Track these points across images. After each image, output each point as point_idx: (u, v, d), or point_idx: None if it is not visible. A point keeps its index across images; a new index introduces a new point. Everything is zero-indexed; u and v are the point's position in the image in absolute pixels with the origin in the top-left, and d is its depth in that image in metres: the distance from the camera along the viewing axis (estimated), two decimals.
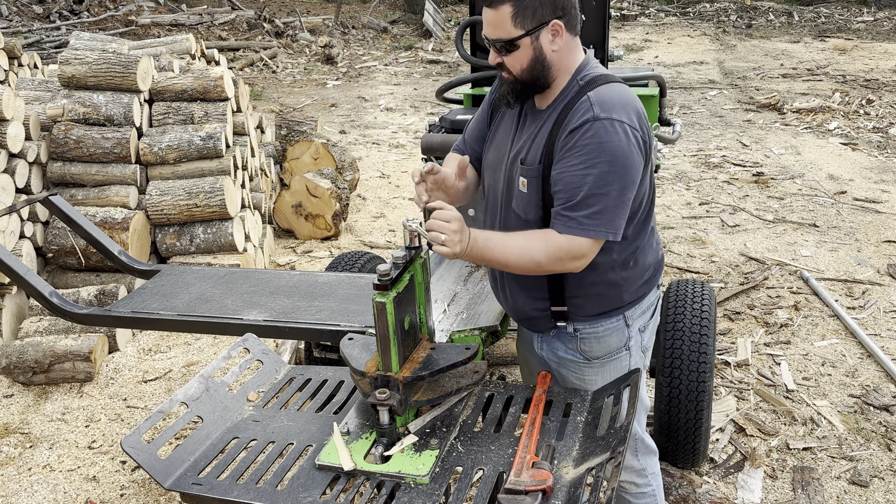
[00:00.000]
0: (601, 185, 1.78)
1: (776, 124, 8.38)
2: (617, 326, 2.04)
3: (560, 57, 1.88)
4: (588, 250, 1.84)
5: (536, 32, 1.83)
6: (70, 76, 4.57)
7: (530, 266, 1.86)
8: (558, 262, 1.84)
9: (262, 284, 2.82)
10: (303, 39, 13.84)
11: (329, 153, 5.84)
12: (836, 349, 3.92)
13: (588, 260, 1.86)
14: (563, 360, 2.09)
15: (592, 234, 1.81)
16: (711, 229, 5.55)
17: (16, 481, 3.08)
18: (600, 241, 1.84)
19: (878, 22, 15.30)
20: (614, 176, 1.79)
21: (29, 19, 13.26)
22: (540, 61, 1.86)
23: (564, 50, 1.88)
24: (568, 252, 1.83)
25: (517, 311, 2.11)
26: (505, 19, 1.81)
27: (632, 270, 2.01)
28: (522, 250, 1.84)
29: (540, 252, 1.84)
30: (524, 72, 1.88)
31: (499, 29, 1.83)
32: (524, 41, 1.83)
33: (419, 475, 1.65)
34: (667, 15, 17.22)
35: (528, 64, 1.86)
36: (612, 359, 2.06)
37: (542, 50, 1.85)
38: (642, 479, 2.24)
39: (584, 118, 1.81)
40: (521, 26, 1.82)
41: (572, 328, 2.03)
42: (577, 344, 2.04)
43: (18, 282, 2.78)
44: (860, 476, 2.99)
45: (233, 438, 1.90)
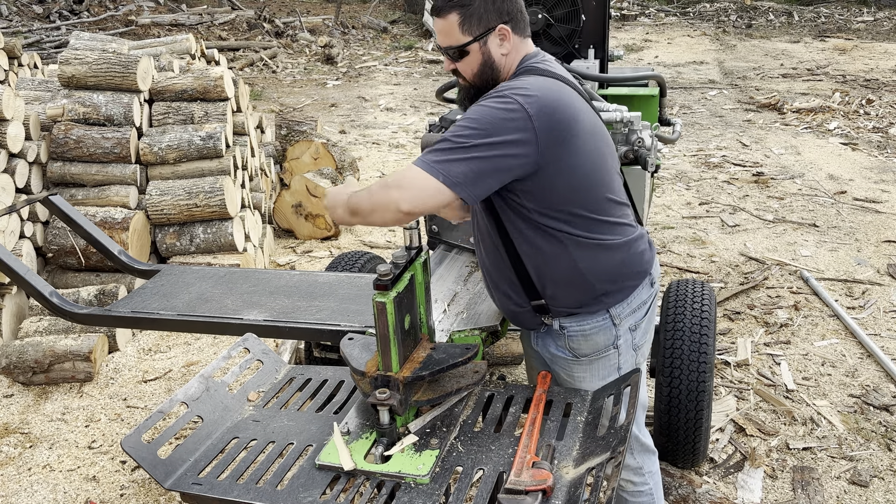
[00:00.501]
0: (455, 136, 1.77)
1: (776, 124, 8.39)
2: (603, 325, 2.03)
3: (509, 60, 1.95)
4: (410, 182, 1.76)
5: (484, 38, 1.90)
6: (70, 76, 4.57)
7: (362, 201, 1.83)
8: (383, 188, 1.79)
9: (262, 284, 2.82)
10: (303, 39, 13.84)
11: (329, 153, 5.84)
12: (836, 349, 3.92)
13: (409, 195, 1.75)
14: (554, 357, 2.11)
15: (424, 167, 1.75)
16: (711, 229, 5.55)
17: (16, 481, 3.08)
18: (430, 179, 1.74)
19: (878, 22, 15.30)
20: (472, 133, 1.76)
21: (29, 19, 13.26)
22: (489, 65, 1.93)
23: (513, 52, 1.95)
24: (396, 176, 1.79)
25: (504, 309, 2.15)
26: (453, 27, 1.90)
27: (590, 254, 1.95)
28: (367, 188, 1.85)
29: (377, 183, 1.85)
30: (475, 76, 1.95)
31: (448, 37, 1.92)
32: (473, 47, 1.91)
33: (419, 475, 1.65)
34: (667, 15, 17.22)
35: (479, 69, 1.94)
36: (601, 357, 2.06)
37: (491, 54, 1.93)
38: (639, 477, 2.24)
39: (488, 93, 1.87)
40: (468, 33, 1.89)
41: (558, 325, 2.04)
42: (566, 342, 2.06)
43: (18, 282, 2.78)
44: (860, 476, 2.99)
45: (233, 438, 1.90)
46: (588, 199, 1.93)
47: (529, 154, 1.80)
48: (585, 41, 3.46)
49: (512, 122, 1.77)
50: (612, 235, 1.98)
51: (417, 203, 1.77)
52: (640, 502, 2.27)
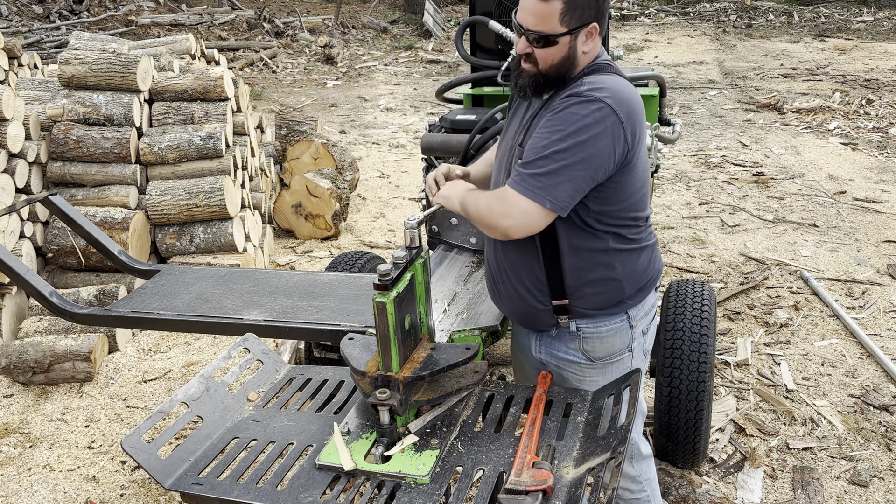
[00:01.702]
0: (555, 152, 1.75)
1: (776, 124, 8.39)
2: (621, 327, 2.02)
3: (586, 57, 1.88)
4: (517, 211, 1.78)
5: (577, 32, 1.82)
6: (70, 76, 4.57)
7: (470, 213, 1.89)
8: (489, 212, 1.82)
9: (262, 284, 2.82)
10: (303, 39, 13.84)
11: (329, 153, 5.84)
12: (836, 349, 3.92)
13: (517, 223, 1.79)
14: (563, 362, 2.06)
15: (528, 193, 1.76)
16: (711, 229, 5.55)
17: (16, 481, 3.08)
18: (536, 206, 1.77)
19: (878, 22, 15.30)
20: (574, 147, 1.75)
21: (29, 19, 13.25)
22: (571, 60, 1.85)
23: (591, 52, 1.89)
24: (499, 202, 1.80)
25: (518, 308, 2.07)
26: (553, 14, 1.79)
27: (627, 256, 1.97)
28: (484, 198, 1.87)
29: (482, 198, 1.85)
30: (553, 67, 1.86)
31: (543, 22, 1.81)
32: (564, 39, 1.82)
33: (419, 475, 1.65)
34: (667, 15, 17.22)
35: (559, 61, 1.85)
36: (615, 360, 2.05)
37: (576, 49, 1.85)
38: (636, 485, 2.22)
39: (570, 92, 1.82)
40: (566, 24, 1.80)
41: (575, 326, 2.00)
42: (580, 344, 2.02)
43: (18, 282, 2.78)
44: (860, 476, 2.99)
45: (233, 438, 1.90)
46: (640, 200, 1.95)
47: (618, 157, 1.81)
48: None
49: (606, 129, 1.76)
50: (645, 237, 2.01)
51: (526, 231, 1.82)
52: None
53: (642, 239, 2.00)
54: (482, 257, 3.00)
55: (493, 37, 3.40)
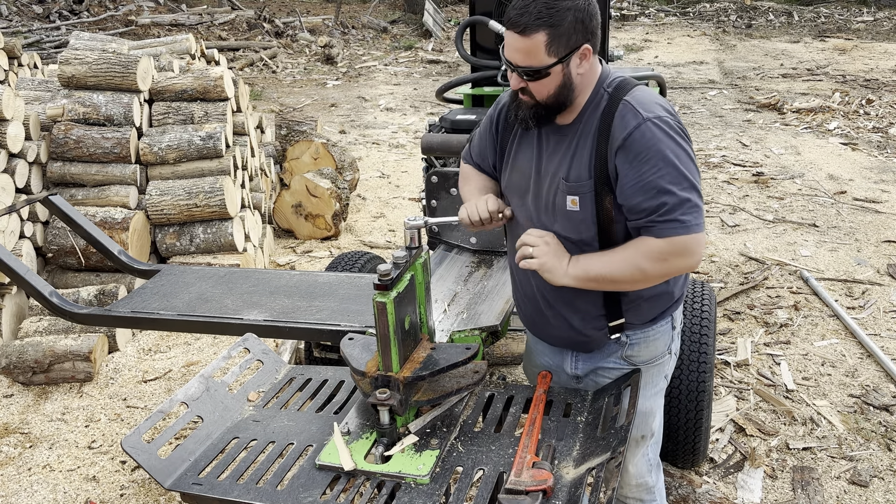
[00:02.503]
0: (682, 180, 1.76)
1: (776, 124, 8.39)
2: (665, 329, 2.01)
3: (584, 78, 1.83)
4: (696, 245, 1.80)
5: (568, 59, 1.76)
6: (70, 76, 4.57)
7: (636, 276, 1.81)
8: (665, 265, 1.80)
9: (262, 284, 2.82)
10: (303, 39, 13.85)
11: (329, 153, 5.84)
12: (836, 349, 3.92)
13: (699, 255, 1.82)
14: (602, 370, 2.02)
15: (696, 228, 1.78)
16: (711, 229, 5.55)
17: (16, 481, 3.08)
18: (702, 234, 1.80)
19: (878, 22, 15.30)
20: (687, 168, 1.77)
21: (29, 19, 13.26)
22: (567, 86, 1.80)
23: (589, 71, 1.83)
24: (673, 252, 1.78)
25: (567, 336, 2.01)
26: (538, 48, 1.74)
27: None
28: (624, 260, 1.80)
29: (644, 260, 1.79)
30: (551, 97, 1.82)
31: (530, 57, 1.75)
32: (555, 69, 1.76)
33: (419, 475, 1.65)
34: (667, 15, 17.22)
35: (556, 90, 1.80)
36: (656, 363, 2.03)
37: (570, 75, 1.79)
38: (649, 495, 2.22)
39: (635, 122, 1.77)
40: (554, 54, 1.75)
41: (624, 337, 1.97)
42: (623, 351, 1.99)
43: (18, 282, 2.79)
44: (860, 476, 2.99)
45: (233, 438, 1.90)
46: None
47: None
48: None
49: (684, 134, 1.81)
50: None
51: (701, 259, 1.85)
52: None
53: None
54: (482, 257, 3.01)
55: (493, 37, 3.40)
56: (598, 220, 1.83)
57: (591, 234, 1.85)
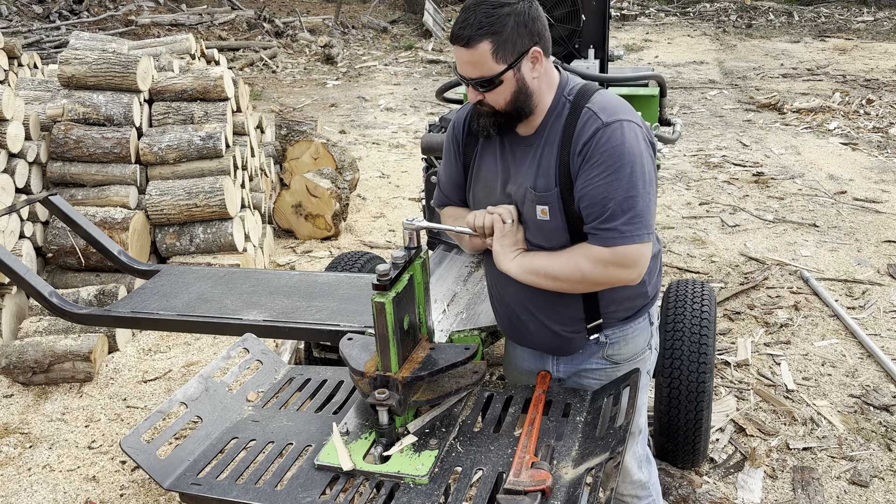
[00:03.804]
0: (629, 189, 1.74)
1: (776, 124, 8.38)
2: (643, 326, 2.03)
3: (540, 83, 1.83)
4: (637, 257, 1.79)
5: (517, 64, 1.76)
6: (70, 76, 4.57)
7: (575, 277, 1.81)
8: (609, 274, 1.80)
9: (261, 284, 2.82)
10: (303, 39, 13.85)
11: (329, 153, 5.84)
12: (836, 349, 3.92)
13: (642, 267, 1.81)
14: (585, 371, 2.04)
15: (637, 239, 1.77)
16: (711, 229, 5.55)
17: (16, 481, 3.08)
18: (647, 244, 1.80)
19: (878, 22, 15.30)
20: (637, 176, 1.75)
21: (29, 19, 13.26)
22: (523, 92, 1.80)
23: (543, 75, 1.83)
24: (614, 261, 1.78)
25: (546, 340, 2.02)
26: (485, 57, 1.74)
27: (653, 272, 2.01)
28: (568, 261, 1.81)
29: (588, 266, 1.80)
30: (508, 104, 1.82)
31: (478, 67, 1.76)
32: (507, 75, 1.76)
33: (418, 475, 1.65)
34: (667, 15, 17.22)
35: (512, 97, 1.80)
36: (637, 360, 2.05)
37: (525, 80, 1.79)
38: (644, 491, 2.22)
39: (594, 127, 1.77)
40: (502, 61, 1.75)
41: (603, 337, 1.99)
42: (604, 351, 2.01)
43: (18, 282, 2.78)
44: (860, 476, 2.99)
45: (232, 438, 1.90)
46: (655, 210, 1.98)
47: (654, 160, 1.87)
48: (585, 41, 3.46)
49: (643, 144, 1.80)
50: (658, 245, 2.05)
51: (644, 271, 1.83)
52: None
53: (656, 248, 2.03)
54: (482, 257, 3.00)
55: None
56: (569, 227, 1.85)
57: (564, 240, 1.87)
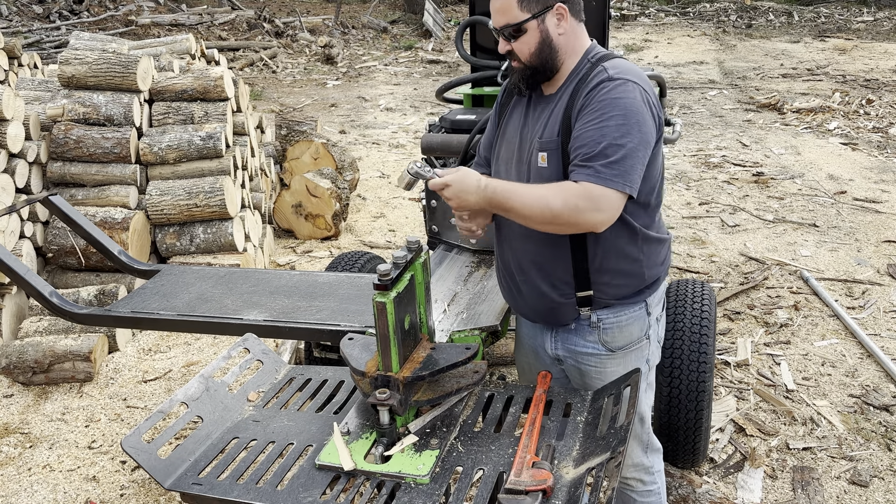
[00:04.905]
0: (618, 137, 1.79)
1: (776, 124, 8.38)
2: (639, 314, 2.04)
3: (567, 41, 1.94)
4: (607, 203, 1.79)
5: (542, 15, 1.90)
6: (70, 76, 4.57)
7: (545, 214, 1.81)
8: (575, 211, 1.79)
9: (262, 284, 2.82)
10: (303, 39, 13.85)
11: (329, 153, 5.84)
12: (836, 349, 3.92)
13: (608, 215, 1.81)
14: (581, 355, 2.07)
15: (611, 184, 1.78)
16: (711, 229, 5.55)
17: (16, 481, 3.08)
18: (620, 194, 1.80)
19: (878, 22, 15.30)
20: (630, 128, 1.80)
21: (29, 19, 13.26)
22: (547, 44, 1.92)
23: (570, 34, 1.94)
24: (586, 199, 1.78)
25: (539, 305, 2.06)
26: (511, 5, 1.90)
27: (649, 245, 2.01)
28: (539, 197, 1.82)
29: (556, 199, 1.80)
30: (533, 56, 1.93)
31: (506, 14, 1.91)
32: (531, 24, 1.90)
33: (419, 475, 1.65)
34: (667, 15, 17.22)
35: (536, 48, 1.92)
36: (634, 348, 2.07)
37: (549, 33, 1.91)
38: (649, 476, 2.24)
39: (599, 79, 1.86)
40: (527, 10, 1.89)
41: (595, 317, 2.02)
42: (599, 335, 2.03)
43: (18, 282, 2.78)
44: (860, 476, 2.99)
45: (233, 438, 1.90)
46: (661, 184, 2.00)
47: (655, 132, 1.88)
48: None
49: (644, 106, 1.84)
50: (665, 230, 2.08)
51: (611, 220, 1.83)
52: (650, 502, 2.26)
53: (662, 230, 2.06)
54: (482, 257, 3.00)
55: (492, 37, 3.40)
56: (565, 175, 1.89)
57: None
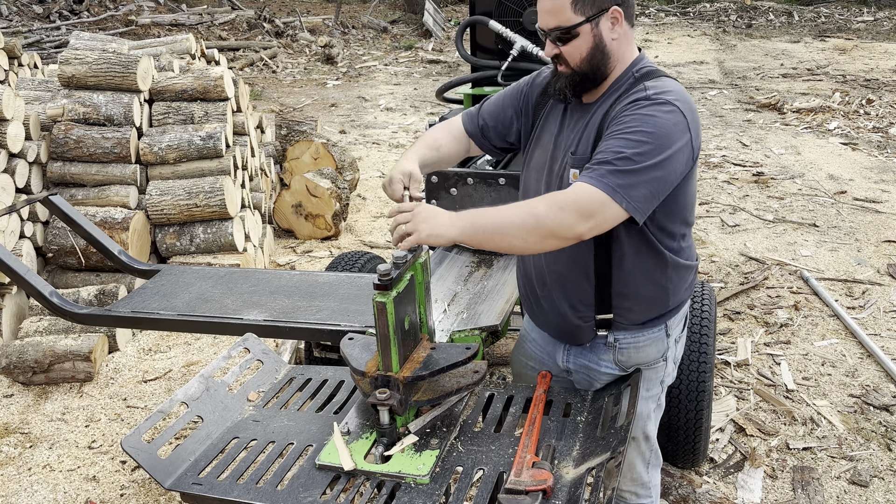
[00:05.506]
0: (636, 153, 1.66)
1: (776, 124, 8.39)
2: (658, 336, 1.97)
3: (619, 46, 1.81)
4: (591, 203, 1.66)
5: (597, 19, 1.76)
6: (70, 76, 4.57)
7: (528, 220, 1.67)
8: (560, 212, 1.66)
9: (262, 284, 2.82)
10: (303, 39, 13.85)
11: (329, 153, 5.84)
12: (836, 349, 3.92)
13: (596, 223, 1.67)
14: (594, 372, 2.00)
15: (608, 190, 1.65)
16: (711, 229, 5.55)
17: (16, 481, 3.08)
18: (617, 207, 1.67)
19: (878, 22, 15.30)
20: (650, 148, 1.67)
21: (29, 19, 13.25)
22: (600, 49, 1.79)
23: (623, 39, 1.81)
24: (574, 202, 1.66)
25: (555, 322, 2.00)
26: (564, 6, 1.75)
27: (677, 272, 1.92)
28: (521, 206, 1.71)
29: (540, 202, 1.69)
30: (583, 62, 1.80)
31: (557, 16, 1.76)
32: (584, 28, 1.76)
33: (419, 475, 1.65)
34: (667, 15, 17.22)
35: (588, 53, 1.79)
36: (649, 368, 2.00)
37: (602, 38, 1.78)
38: (645, 490, 2.20)
39: (636, 97, 1.75)
40: (581, 12, 1.75)
41: (612, 338, 1.95)
42: (615, 355, 1.96)
43: (18, 282, 2.78)
44: (860, 476, 2.99)
45: (233, 438, 1.90)
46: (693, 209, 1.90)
47: (688, 160, 1.76)
48: None
49: (678, 131, 1.71)
50: (694, 256, 1.99)
51: (598, 230, 1.70)
52: None
53: (692, 257, 1.97)
54: (482, 257, 3.00)
55: (493, 37, 3.40)
56: None
57: None
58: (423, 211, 1.74)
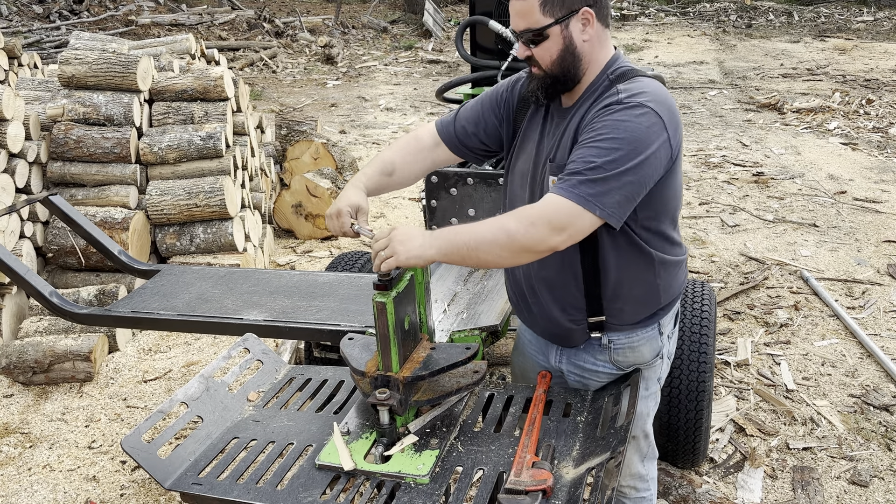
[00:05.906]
0: (607, 161, 1.66)
1: (776, 124, 8.39)
2: (652, 335, 1.96)
3: (591, 48, 1.80)
4: (570, 220, 1.66)
5: (566, 20, 1.75)
6: (70, 76, 4.57)
7: (500, 237, 1.67)
8: (531, 227, 1.66)
9: (262, 284, 2.82)
10: (303, 39, 13.85)
11: (329, 153, 5.84)
12: (836, 349, 3.92)
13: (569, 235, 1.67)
14: (589, 372, 2.00)
15: (581, 200, 1.65)
16: (711, 229, 5.55)
17: (16, 481, 3.08)
18: (590, 216, 1.67)
19: (878, 22, 15.30)
20: (622, 154, 1.66)
21: (29, 19, 13.26)
22: (570, 52, 1.78)
23: (595, 41, 1.80)
24: (544, 215, 1.66)
25: (549, 327, 1.99)
26: (533, 8, 1.74)
27: (666, 269, 1.92)
28: (493, 222, 1.71)
29: (511, 217, 1.69)
30: (554, 64, 1.80)
31: (526, 18, 1.76)
32: (553, 30, 1.75)
33: (419, 475, 1.65)
34: (667, 15, 17.22)
35: (559, 55, 1.78)
36: (648, 367, 2.00)
37: (573, 40, 1.77)
38: (643, 483, 2.20)
39: (607, 102, 1.73)
40: (549, 14, 1.74)
41: (606, 339, 1.94)
42: (610, 355, 1.96)
43: (18, 282, 2.78)
44: (860, 476, 2.99)
45: (233, 438, 1.90)
46: (678, 205, 1.90)
47: (665, 161, 1.74)
48: None
49: (652, 133, 1.69)
50: (683, 250, 1.98)
51: (572, 241, 1.70)
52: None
53: (680, 252, 1.96)
54: None
55: (493, 37, 3.40)
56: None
57: None
58: (399, 234, 1.74)
